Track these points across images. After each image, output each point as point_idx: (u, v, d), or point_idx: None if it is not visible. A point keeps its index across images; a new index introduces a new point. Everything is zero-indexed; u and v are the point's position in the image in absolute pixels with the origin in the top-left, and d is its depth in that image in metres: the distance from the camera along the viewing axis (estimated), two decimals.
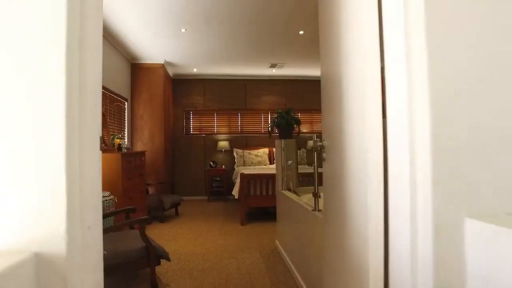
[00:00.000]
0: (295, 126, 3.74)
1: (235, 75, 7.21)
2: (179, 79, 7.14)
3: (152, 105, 5.78)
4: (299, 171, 3.92)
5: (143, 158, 4.37)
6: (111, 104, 4.69)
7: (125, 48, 5.21)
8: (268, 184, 4.85)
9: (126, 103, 5.53)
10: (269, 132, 3.84)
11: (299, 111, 7.44)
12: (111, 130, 4.66)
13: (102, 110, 4.41)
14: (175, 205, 5.21)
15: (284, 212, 3.38)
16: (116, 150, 4.29)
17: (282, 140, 3.61)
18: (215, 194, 7.20)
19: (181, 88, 7.15)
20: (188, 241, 4.00)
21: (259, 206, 4.91)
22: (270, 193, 4.84)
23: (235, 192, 5.00)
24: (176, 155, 7.11)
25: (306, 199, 2.90)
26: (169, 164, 6.34)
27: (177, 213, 5.50)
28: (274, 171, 5.03)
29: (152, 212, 4.90)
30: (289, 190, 3.49)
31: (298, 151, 7.32)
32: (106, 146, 3.97)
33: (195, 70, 6.68)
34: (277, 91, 7.43)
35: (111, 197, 3.10)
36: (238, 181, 4.96)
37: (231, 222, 4.96)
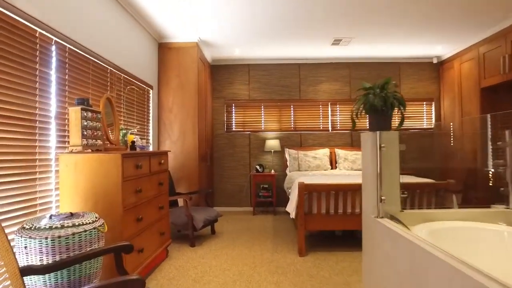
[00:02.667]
0: (397, 110, 2.26)
1: (286, 58, 5.83)
2: (218, 65, 5.93)
3: (184, 95, 4.60)
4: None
5: (163, 161, 3.15)
6: (125, 88, 3.55)
7: (151, 23, 4.08)
8: (339, 198, 3.38)
9: (151, 91, 4.40)
10: (352, 122, 2.38)
11: None
12: (125, 122, 3.52)
13: (109, 94, 3.32)
14: (211, 223, 3.95)
15: (384, 253, 1.92)
16: (128, 149, 3.13)
17: (378, 133, 2.14)
18: (262, 205, 5.86)
19: (220, 76, 5.93)
20: (223, 285, 2.67)
21: (326, 229, 3.46)
22: (344, 211, 3.38)
23: (290, 209, 3.59)
24: (214, 157, 5.90)
25: (423, 233, 1.53)
26: (204, 168, 5.11)
27: (213, 232, 4.23)
28: (343, 180, 3.53)
29: (182, 231, 3.69)
30: (389, 217, 2.02)
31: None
32: (111, 143, 2.81)
33: (237, 51, 5.41)
34: (340, 77, 5.91)
35: (98, 223, 1.89)
36: (294, 194, 3.56)
37: (285, 249, 3.56)
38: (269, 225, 4.68)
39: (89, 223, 1.86)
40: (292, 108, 5.92)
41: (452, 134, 5.51)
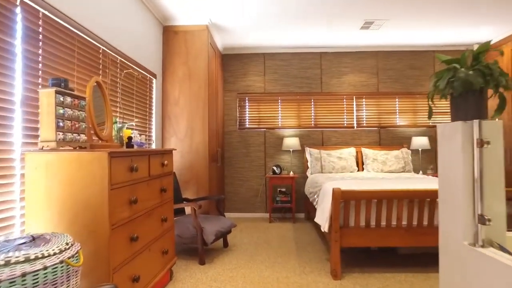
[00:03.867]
0: (502, 91, 1.63)
1: (307, 46, 5.19)
2: (230, 54, 5.32)
3: (192, 86, 4.00)
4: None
5: (167, 162, 2.54)
6: (121, 73, 2.96)
7: (155, 2, 3.50)
8: (382, 208, 2.74)
9: (154, 81, 3.81)
10: (429, 109, 1.71)
11: (395, 96, 5.18)
12: (121, 115, 2.93)
13: (99, 78, 2.68)
14: (224, 235, 3.33)
15: None
16: (124, 146, 2.53)
17: (477, 124, 1.48)
18: (279, 210, 5.23)
19: (232, 66, 5.31)
20: None
21: (365, 246, 2.81)
22: (388, 224, 2.74)
23: (322, 220, 2.95)
24: (226, 157, 5.29)
25: None
26: (214, 169, 4.50)
27: (226, 244, 3.62)
28: (381, 184, 2.84)
29: (189, 244, 3.09)
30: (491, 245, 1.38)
31: (400, 150, 5.06)
32: (101, 139, 2.21)
33: (251, 38, 4.79)
34: (366, 68, 5.25)
35: (69, 252, 1.29)
36: (326, 203, 2.91)
37: (315, 269, 2.92)
38: (290, 236, 4.05)
39: (54, 254, 1.26)
40: (312, 102, 5.28)
41: None
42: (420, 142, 4.87)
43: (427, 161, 5.16)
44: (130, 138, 2.54)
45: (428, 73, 5.21)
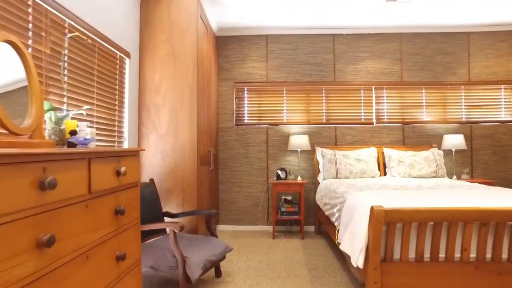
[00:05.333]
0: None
1: (317, 27, 4.35)
2: (226, 35, 4.47)
3: (177, 68, 3.15)
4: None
5: (124, 170, 1.67)
6: (69, 40, 2.10)
7: None
8: (441, 234, 1.91)
9: (127, 61, 2.96)
10: None
11: (422, 86, 4.36)
12: (66, 100, 2.07)
13: (16, 39, 1.64)
14: (215, 264, 2.48)
15: None
16: (66, 145, 1.69)
17: None
18: (284, 223, 4.39)
19: (229, 50, 4.47)
20: None
21: None
22: (449, 257, 1.91)
23: (353, 250, 2.09)
24: (220, 158, 4.44)
25: None
26: (206, 174, 3.66)
27: (218, 274, 2.77)
28: (425, 197, 1.94)
29: (167, 277, 2.24)
30: None
31: (430, 151, 4.21)
32: (12, 132, 1.36)
33: (251, 15, 3.95)
34: (387, 53, 4.42)
35: None
36: (360, 226, 2.06)
37: None
38: (299, 258, 3.21)
39: None
40: (324, 94, 4.44)
41: None
42: (454, 141, 4.04)
43: (460, 164, 4.33)
44: (73, 133, 1.69)
45: (462, 59, 4.39)
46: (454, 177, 4.07)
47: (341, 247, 2.25)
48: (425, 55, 4.39)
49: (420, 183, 3.21)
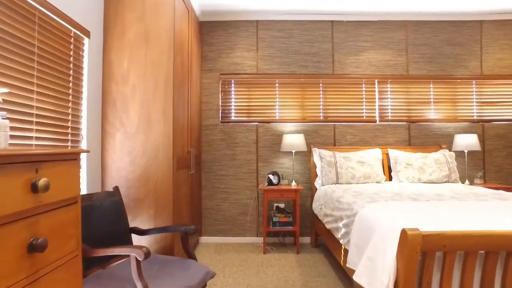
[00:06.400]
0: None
1: (314, 12, 3.86)
2: (211, 21, 3.93)
3: (150, 53, 2.60)
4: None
5: (45, 182, 1.12)
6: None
7: None
8: (496, 266, 1.42)
9: (86, 41, 2.39)
10: None
11: (430, 80, 3.92)
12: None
13: None
14: None
15: None
16: None
17: None
18: (276, 234, 3.87)
19: (214, 37, 3.93)
20: None
21: None
22: None
23: (376, 285, 1.58)
24: (203, 161, 3.90)
25: None
26: (185, 180, 3.12)
27: None
28: (455, 211, 1.46)
29: None
30: None
31: (440, 152, 3.76)
32: None
33: None
34: (391, 43, 3.96)
35: None
36: (386, 253, 1.55)
37: None
38: (296, 279, 2.69)
39: None
40: (321, 88, 3.95)
41: None
42: (467, 141, 3.61)
43: (471, 167, 3.90)
44: None
45: (473, 51, 3.96)
46: (467, 182, 3.64)
47: (355, 277, 1.74)
48: (433, 46, 3.95)
49: (438, 191, 2.74)
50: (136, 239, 2.49)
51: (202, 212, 3.86)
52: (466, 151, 3.74)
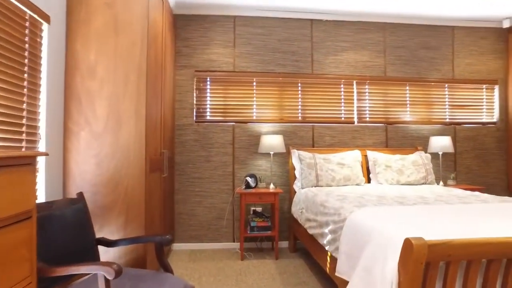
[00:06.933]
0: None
1: (294, 9, 3.75)
2: (187, 14, 3.71)
3: (120, 45, 2.35)
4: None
5: None
6: None
7: None
8: (497, 275, 1.36)
9: (45, 27, 2.11)
10: None
11: (406, 82, 3.95)
12: None
13: None
14: None
15: None
16: None
17: None
18: (254, 239, 3.72)
19: (189, 32, 3.71)
20: None
21: None
22: None
23: None
24: (176, 162, 3.66)
25: None
26: (157, 183, 2.89)
27: None
28: (447, 216, 1.42)
29: None
30: None
31: (417, 154, 3.79)
32: None
33: None
34: (370, 44, 3.94)
35: None
36: (385, 265, 1.44)
37: None
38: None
39: None
40: (300, 88, 3.85)
41: None
42: (442, 143, 3.66)
43: (444, 168, 3.98)
44: None
45: (446, 55, 4.04)
46: (441, 183, 3.69)
47: None
48: (410, 48, 3.98)
49: (420, 194, 2.72)
50: (103, 250, 2.24)
51: (175, 218, 3.62)
52: (440, 153, 3.80)
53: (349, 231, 1.88)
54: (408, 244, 1.27)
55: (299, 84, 3.83)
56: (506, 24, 4.04)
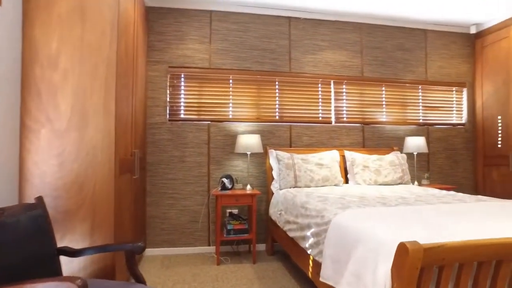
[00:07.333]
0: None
1: (272, 6, 3.67)
2: (161, 7, 3.52)
3: (86, 33, 2.14)
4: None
5: None
6: None
7: None
8: (487, 278, 1.33)
9: None
10: None
11: (382, 83, 3.98)
12: None
13: None
14: None
15: None
16: None
17: None
18: (230, 242, 3.59)
19: (163, 26, 3.52)
20: None
21: None
22: None
23: None
24: (148, 163, 3.46)
25: None
26: (128, 186, 2.70)
27: None
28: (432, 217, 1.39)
29: None
30: None
31: (394, 154, 3.83)
32: None
33: None
34: (347, 43, 3.94)
35: None
36: (375, 270, 1.36)
37: None
38: None
39: None
40: (277, 86, 3.77)
41: (500, 132, 3.91)
42: (417, 143, 3.72)
43: (417, 168, 4.04)
44: None
45: (420, 57, 4.12)
46: (416, 183, 3.75)
47: None
48: (386, 49, 4.02)
49: (399, 194, 2.72)
50: (66, 261, 2.02)
51: (146, 222, 3.41)
52: (415, 153, 3.86)
53: (334, 234, 1.80)
54: (403, 249, 1.20)
55: (277, 83, 3.75)
56: (473, 30, 4.19)
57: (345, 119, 3.88)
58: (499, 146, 3.92)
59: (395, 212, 1.86)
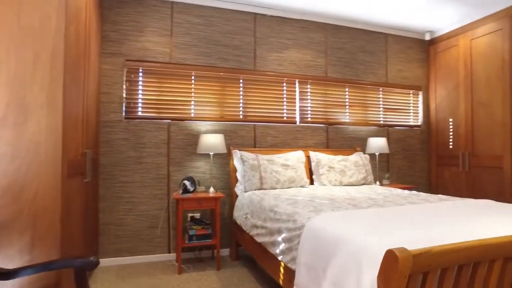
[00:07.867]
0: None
1: (236, 0, 3.52)
2: None
3: (24, 15, 1.84)
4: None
5: None
6: None
7: None
8: (475, 279, 1.30)
9: None
10: None
11: (345, 84, 4.02)
12: None
13: None
14: None
15: None
16: None
17: None
18: (191, 249, 3.38)
19: (120, 15, 3.22)
20: None
21: None
22: None
23: None
24: (102, 165, 3.15)
25: None
26: (79, 191, 2.40)
27: None
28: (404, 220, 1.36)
29: None
30: None
31: (357, 155, 3.87)
32: None
33: None
34: (312, 43, 3.91)
35: None
36: (362, 281, 1.27)
37: None
38: None
39: None
40: (242, 84, 3.63)
41: (452, 133, 4.11)
42: (379, 144, 3.78)
43: (378, 168, 4.13)
44: None
45: (380, 60, 4.21)
46: (378, 183, 3.81)
47: None
48: (349, 51, 4.06)
49: (366, 195, 2.71)
50: None
51: (99, 229, 3.10)
52: (377, 153, 3.93)
53: (309, 240, 1.70)
54: (391, 257, 1.12)
55: (241, 81, 3.61)
56: (427, 37, 4.39)
57: (309, 119, 3.85)
58: (451, 147, 4.13)
59: (368, 215, 1.81)
